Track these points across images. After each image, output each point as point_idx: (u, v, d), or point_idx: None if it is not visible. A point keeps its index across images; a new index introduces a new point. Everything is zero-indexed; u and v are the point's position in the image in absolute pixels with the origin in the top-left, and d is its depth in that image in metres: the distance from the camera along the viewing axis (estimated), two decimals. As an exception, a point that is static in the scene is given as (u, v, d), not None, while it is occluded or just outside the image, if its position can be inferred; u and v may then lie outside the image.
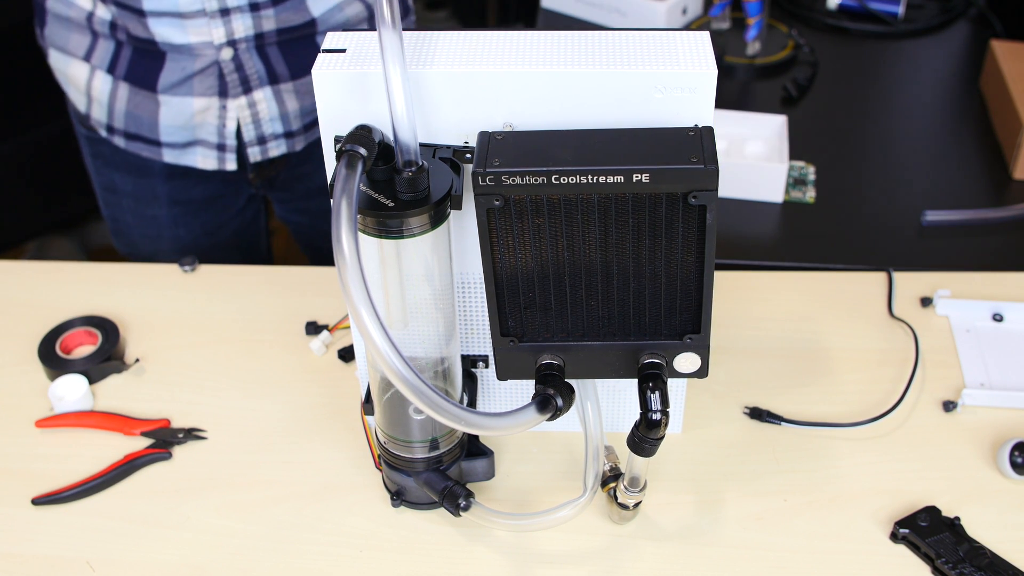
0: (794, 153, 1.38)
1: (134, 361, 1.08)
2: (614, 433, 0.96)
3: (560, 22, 1.73)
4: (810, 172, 1.37)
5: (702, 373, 0.84)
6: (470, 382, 0.95)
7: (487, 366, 0.95)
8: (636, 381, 0.82)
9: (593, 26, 1.69)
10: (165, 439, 1.00)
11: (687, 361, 0.83)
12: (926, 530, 0.88)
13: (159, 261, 1.22)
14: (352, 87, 0.79)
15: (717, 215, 0.74)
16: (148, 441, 1.00)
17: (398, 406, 0.87)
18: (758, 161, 1.34)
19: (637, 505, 0.88)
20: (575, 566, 0.88)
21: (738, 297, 1.13)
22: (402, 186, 0.75)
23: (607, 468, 0.89)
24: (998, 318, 1.09)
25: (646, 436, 0.80)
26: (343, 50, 0.81)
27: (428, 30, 0.83)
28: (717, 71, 0.77)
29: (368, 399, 0.92)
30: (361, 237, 0.75)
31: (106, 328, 1.09)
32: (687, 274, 0.79)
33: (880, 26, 1.69)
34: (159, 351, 1.09)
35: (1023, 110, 1.34)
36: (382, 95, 0.74)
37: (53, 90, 2.02)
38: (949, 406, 1.01)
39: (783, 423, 0.99)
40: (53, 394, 1.02)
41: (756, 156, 1.36)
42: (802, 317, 1.11)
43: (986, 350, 1.06)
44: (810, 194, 1.34)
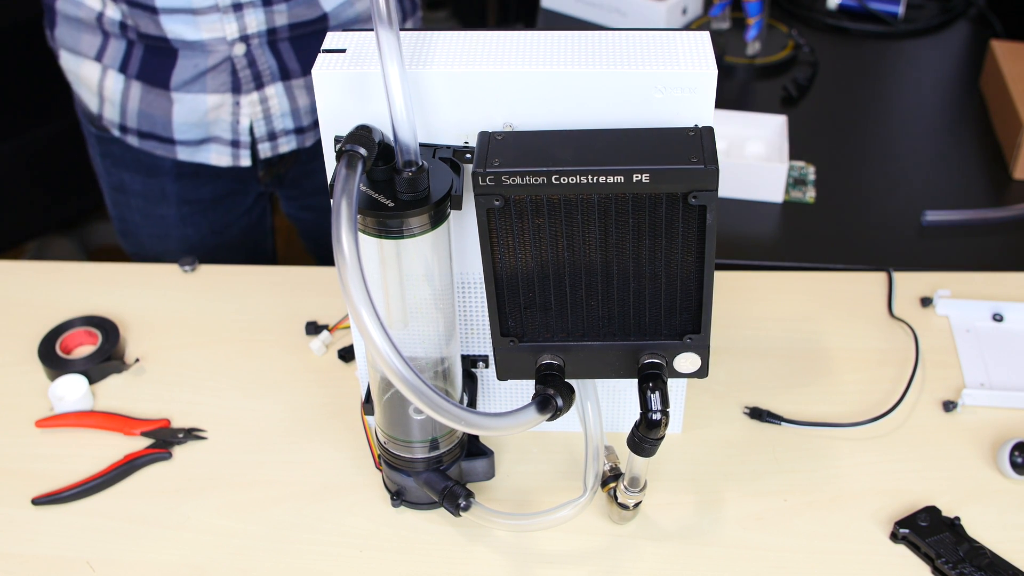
0: (794, 153, 1.38)
1: (134, 361, 1.08)
2: (614, 433, 0.96)
3: (560, 22, 1.73)
4: (810, 172, 1.37)
5: (702, 373, 0.84)
6: (470, 382, 0.95)
7: (487, 366, 0.95)
8: (636, 381, 0.82)
9: (593, 26, 1.69)
10: (165, 439, 1.00)
11: (687, 361, 0.83)
12: (926, 530, 0.88)
13: (166, 261, 1.22)
14: (352, 87, 0.79)
15: (717, 215, 0.74)
16: (148, 441, 1.00)
17: (398, 406, 0.87)
18: (758, 161, 1.34)
19: (637, 505, 0.88)
20: (575, 566, 0.88)
21: (738, 297, 1.13)
22: (402, 186, 0.75)
23: (607, 468, 0.89)
24: (998, 318, 1.09)
25: (646, 436, 0.80)
26: (343, 50, 0.81)
27: (428, 30, 0.83)
28: (717, 71, 0.77)
29: (368, 399, 0.92)
30: (361, 237, 0.75)
31: (106, 328, 1.09)
32: (687, 274, 0.79)
33: (880, 26, 1.69)
34: (159, 351, 1.09)
35: (1023, 110, 1.34)
36: (382, 95, 0.74)
37: (53, 90, 2.02)
38: (949, 406, 1.01)
39: (783, 423, 0.99)
40: (53, 394, 1.02)
41: (756, 156, 1.36)
42: (802, 317, 1.11)
43: (986, 350, 1.06)
44: (810, 194, 1.34)
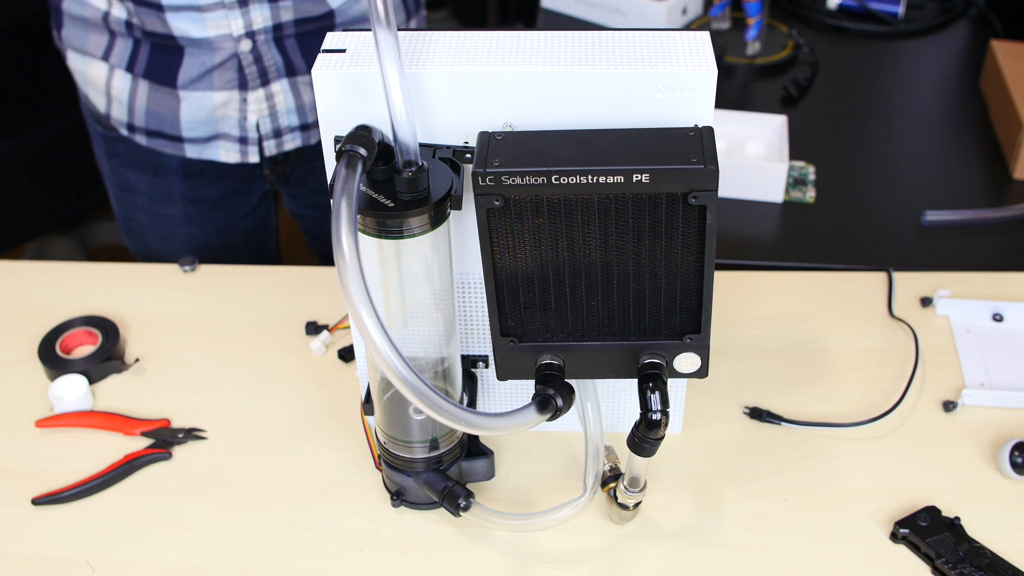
0: (794, 153, 1.38)
1: (134, 361, 1.08)
2: (614, 433, 0.96)
3: (560, 22, 1.73)
4: (810, 172, 1.37)
5: (702, 373, 0.84)
6: (470, 382, 0.95)
7: (487, 366, 0.95)
8: (636, 381, 0.82)
9: (593, 26, 1.69)
10: (165, 439, 1.00)
11: (687, 361, 0.83)
12: (926, 530, 0.88)
13: (170, 260, 1.22)
14: (352, 87, 0.79)
15: (717, 215, 0.74)
16: (148, 441, 1.00)
17: (398, 406, 0.87)
18: (758, 161, 1.34)
19: (637, 505, 0.88)
20: (575, 566, 0.88)
21: (738, 297, 1.13)
22: (402, 186, 0.75)
23: (607, 468, 0.89)
24: (998, 318, 1.09)
25: (646, 436, 0.80)
26: (343, 50, 0.81)
27: (428, 30, 0.83)
28: (717, 71, 0.77)
29: (368, 399, 0.92)
30: (361, 237, 0.75)
31: (106, 328, 1.09)
32: (687, 274, 0.79)
33: (880, 26, 1.69)
34: (159, 351, 1.09)
35: (1023, 110, 1.34)
36: (382, 95, 0.74)
37: (53, 90, 2.03)
38: (949, 406, 1.01)
39: (783, 423, 0.99)
40: (53, 394, 1.02)
41: (756, 156, 1.36)
42: (802, 317, 1.11)
43: (986, 350, 1.06)
44: (810, 194, 1.34)
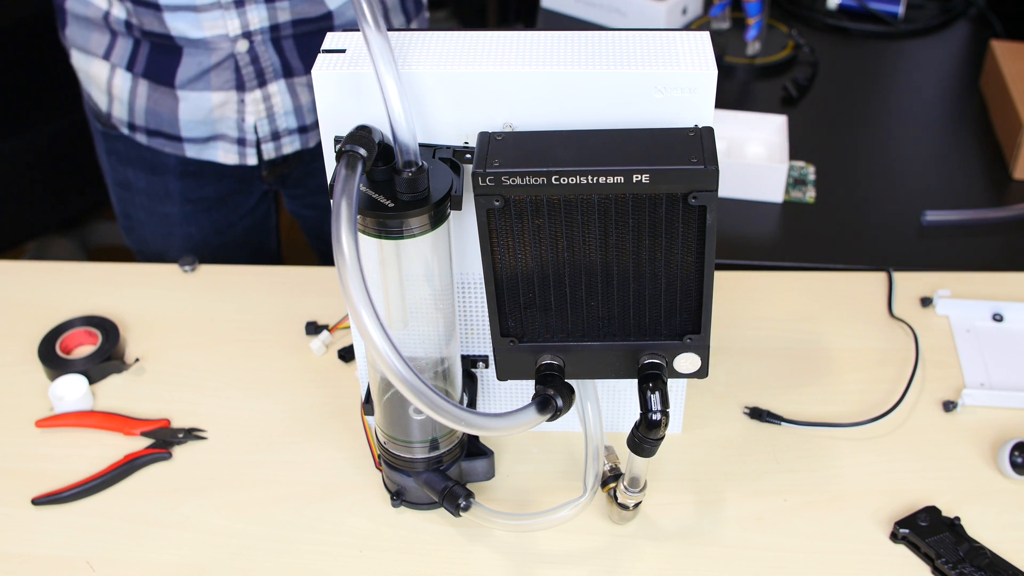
0: (794, 153, 1.38)
1: (134, 361, 1.08)
2: (614, 433, 0.96)
3: (560, 22, 1.73)
4: (810, 172, 1.37)
5: (702, 373, 0.84)
6: (470, 382, 0.95)
7: (487, 366, 0.95)
8: (636, 381, 0.82)
9: (593, 26, 1.69)
10: (165, 439, 1.00)
11: (687, 361, 0.83)
12: (926, 530, 0.88)
13: (169, 258, 1.22)
14: (352, 87, 0.79)
15: (717, 215, 0.74)
16: (148, 441, 1.00)
17: (398, 406, 0.87)
18: (758, 161, 1.34)
19: (637, 505, 0.88)
20: (575, 566, 0.88)
21: (738, 297, 1.13)
22: (402, 186, 0.75)
23: (607, 468, 0.89)
24: (998, 318, 1.09)
25: (646, 436, 0.80)
26: (343, 50, 0.81)
27: (428, 30, 0.83)
28: (717, 71, 0.77)
29: (368, 399, 0.92)
30: (361, 237, 0.75)
31: (106, 328, 1.09)
32: (687, 274, 0.79)
33: (880, 26, 1.69)
34: (159, 351, 1.09)
35: (1023, 110, 1.34)
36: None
37: (53, 90, 2.03)
38: (949, 406, 1.01)
39: (783, 423, 0.99)
40: (53, 394, 1.02)
41: (756, 156, 1.36)
42: (802, 317, 1.11)
43: (986, 350, 1.06)
44: (810, 194, 1.34)
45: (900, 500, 0.92)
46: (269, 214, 1.47)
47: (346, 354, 1.08)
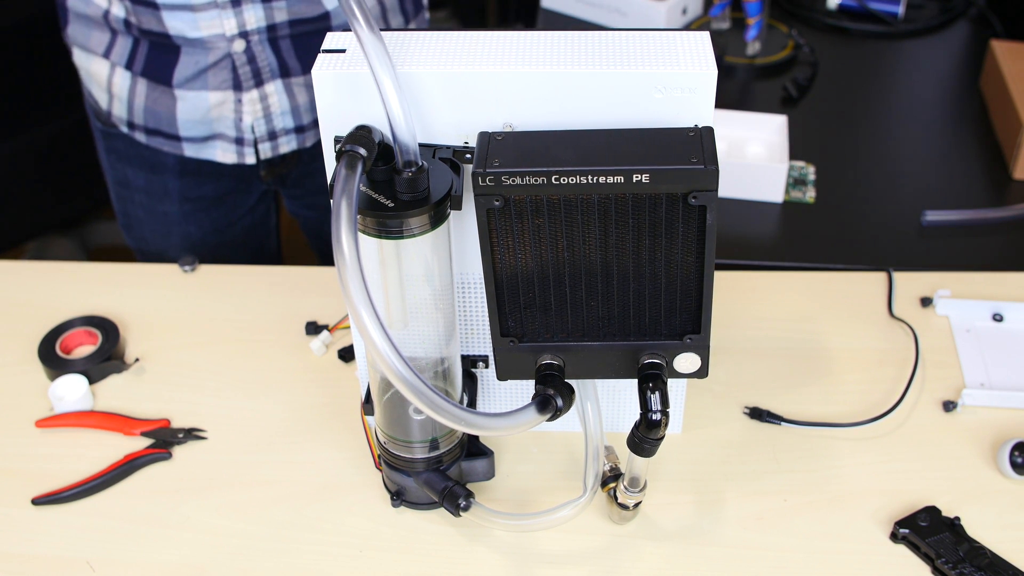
0: (794, 153, 1.38)
1: (134, 361, 1.08)
2: (614, 433, 0.96)
3: (560, 22, 1.73)
4: (810, 172, 1.37)
5: (702, 373, 0.84)
6: (470, 382, 0.95)
7: (487, 366, 0.95)
8: (636, 381, 0.82)
9: (593, 26, 1.69)
10: (165, 439, 1.00)
11: (687, 361, 0.83)
12: (926, 530, 0.88)
13: (169, 257, 1.22)
14: (352, 87, 0.79)
15: (717, 215, 0.74)
16: (148, 441, 1.00)
17: (398, 406, 0.87)
18: (758, 161, 1.34)
19: (637, 505, 0.88)
20: (575, 566, 0.88)
21: (738, 297, 1.13)
22: (402, 186, 0.75)
23: (607, 468, 0.89)
24: (998, 318, 1.09)
25: (646, 436, 0.80)
26: (343, 50, 0.81)
27: (428, 30, 0.83)
28: (717, 71, 0.77)
29: (368, 399, 0.92)
30: (361, 237, 0.75)
31: (106, 328, 1.09)
32: (687, 274, 0.79)
33: (880, 26, 1.69)
34: (159, 351, 1.09)
35: (1023, 110, 1.34)
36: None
37: (53, 89, 2.03)
38: (949, 406, 1.01)
39: (783, 423, 0.99)
40: (53, 394, 1.02)
41: (756, 156, 1.36)
42: (802, 317, 1.11)
43: (986, 350, 1.06)
44: (810, 194, 1.34)
45: (900, 500, 0.92)
46: (269, 214, 1.47)
47: (346, 354, 1.08)
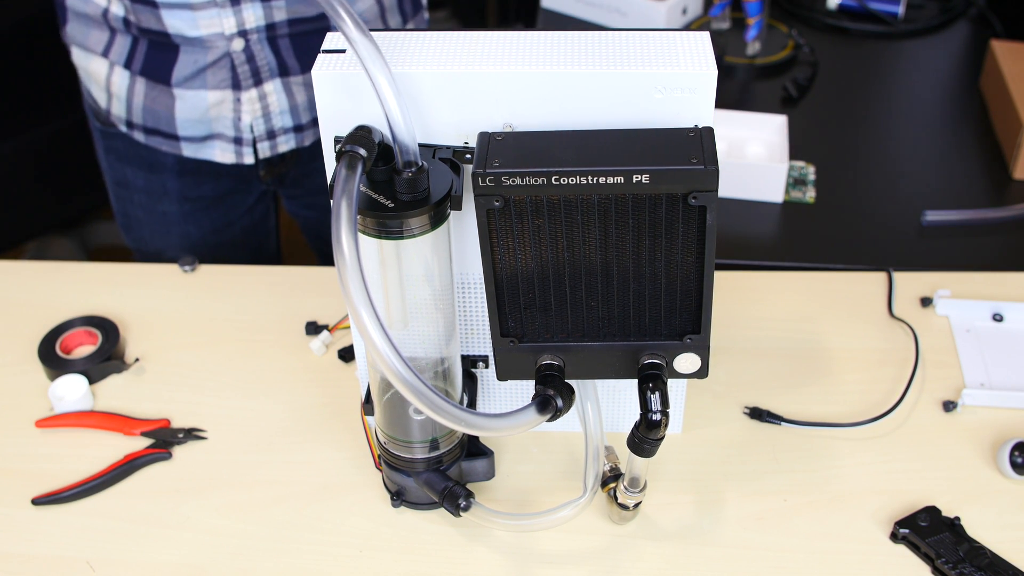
0: (794, 153, 1.38)
1: (134, 361, 1.08)
2: (614, 433, 0.96)
3: (560, 22, 1.73)
4: (810, 172, 1.37)
5: (702, 373, 0.84)
6: (470, 382, 0.95)
7: (487, 366, 0.95)
8: (636, 381, 0.82)
9: (593, 26, 1.69)
10: (165, 439, 1.00)
11: (687, 361, 0.83)
12: (926, 530, 0.88)
13: (168, 257, 1.22)
14: (352, 88, 0.79)
15: (717, 215, 0.74)
16: (148, 441, 1.00)
17: (398, 406, 0.87)
18: (758, 161, 1.34)
19: (637, 505, 0.88)
20: (575, 566, 0.88)
21: (738, 297, 1.13)
22: (402, 187, 0.75)
23: (607, 468, 0.89)
24: (998, 318, 1.09)
25: (646, 436, 0.80)
26: (342, 50, 0.81)
27: (428, 30, 0.83)
28: (717, 71, 0.77)
29: (368, 399, 0.92)
30: (361, 238, 0.75)
31: (106, 328, 1.09)
32: (687, 274, 0.79)
33: (880, 26, 1.69)
34: (159, 351, 1.09)
35: (1023, 110, 1.34)
36: (382, 95, 0.74)
37: (53, 89, 2.03)
38: (949, 406, 1.01)
39: (783, 423, 0.99)
40: (53, 394, 1.02)
41: (756, 156, 1.36)
42: (802, 317, 1.11)
43: (986, 350, 1.06)
44: (810, 194, 1.34)
45: (900, 500, 0.92)
46: (268, 214, 1.47)
47: (346, 354, 1.08)
